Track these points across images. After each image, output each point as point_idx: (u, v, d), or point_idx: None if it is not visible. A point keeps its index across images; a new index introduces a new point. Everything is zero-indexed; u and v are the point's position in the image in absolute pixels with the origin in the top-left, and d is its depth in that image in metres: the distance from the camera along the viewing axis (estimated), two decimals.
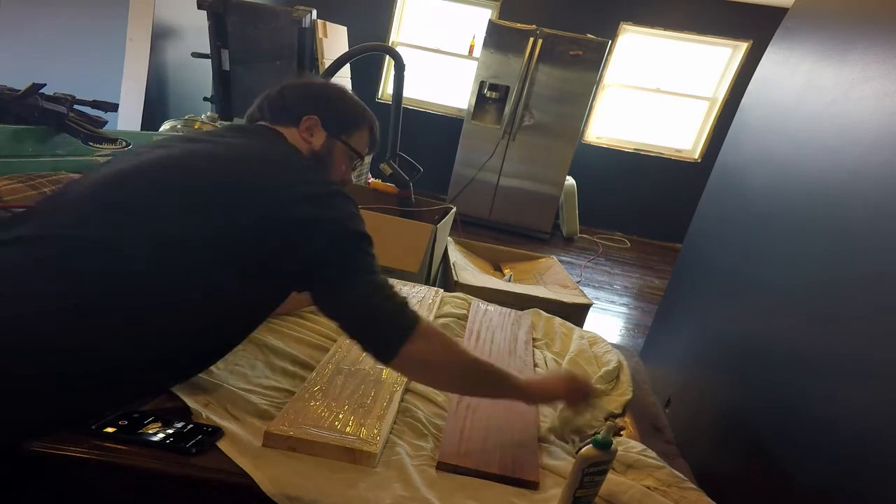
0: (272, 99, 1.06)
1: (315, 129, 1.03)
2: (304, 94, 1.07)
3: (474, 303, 1.50)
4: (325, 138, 1.03)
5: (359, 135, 1.09)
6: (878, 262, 1.10)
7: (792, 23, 1.86)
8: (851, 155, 1.28)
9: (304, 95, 1.06)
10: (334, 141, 1.04)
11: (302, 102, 1.05)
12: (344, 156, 1.07)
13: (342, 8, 4.92)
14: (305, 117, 1.02)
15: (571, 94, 4.37)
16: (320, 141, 1.03)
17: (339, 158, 1.06)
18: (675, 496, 0.87)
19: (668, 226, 5.09)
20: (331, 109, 1.06)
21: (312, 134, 1.03)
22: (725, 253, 1.83)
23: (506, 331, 1.36)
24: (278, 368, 1.03)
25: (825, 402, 1.15)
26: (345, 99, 1.10)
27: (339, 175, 1.08)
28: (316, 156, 1.03)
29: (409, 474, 0.80)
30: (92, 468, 0.74)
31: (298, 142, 1.03)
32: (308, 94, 1.07)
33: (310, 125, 1.02)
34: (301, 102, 1.05)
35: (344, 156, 1.07)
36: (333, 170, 1.06)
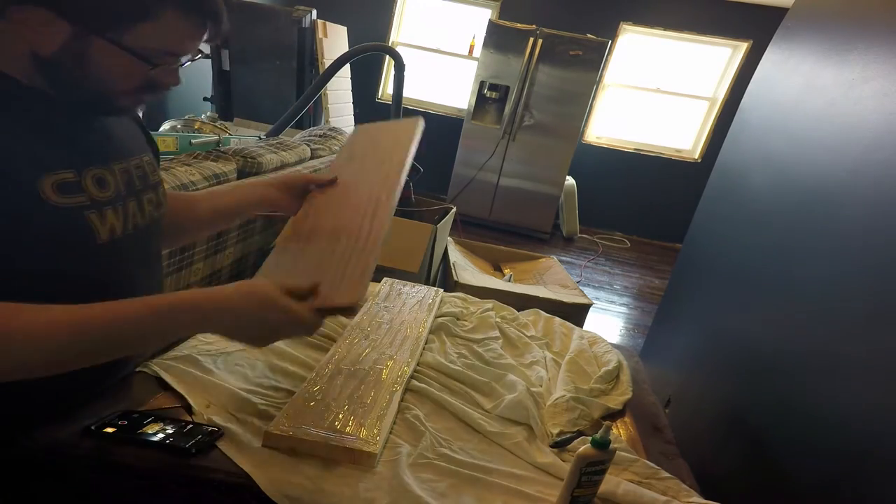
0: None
1: (40, 26, 0.66)
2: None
3: None
4: (71, 38, 0.67)
5: (154, 26, 0.69)
6: (877, 262, 1.10)
7: (792, 23, 1.86)
8: (851, 155, 1.29)
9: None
10: (90, 39, 0.68)
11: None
12: (121, 58, 0.69)
13: (342, 8, 4.92)
14: (15, 8, 0.65)
15: (571, 94, 4.37)
16: (56, 41, 0.67)
17: (111, 63, 0.70)
18: (660, 488, 0.88)
19: (668, 226, 5.09)
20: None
21: (37, 32, 0.66)
22: (725, 253, 1.83)
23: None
24: (278, 368, 1.03)
25: (825, 402, 1.15)
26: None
27: (120, 85, 0.73)
28: (47, 65, 0.68)
29: (408, 474, 0.80)
30: (92, 468, 0.75)
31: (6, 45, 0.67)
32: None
33: (25, 18, 0.65)
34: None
35: (121, 58, 0.69)
36: (98, 80, 0.71)
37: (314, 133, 2.89)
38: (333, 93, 4.30)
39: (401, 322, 1.25)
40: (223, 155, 1.92)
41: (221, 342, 1.08)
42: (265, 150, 2.10)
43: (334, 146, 2.78)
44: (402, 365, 1.06)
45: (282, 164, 2.17)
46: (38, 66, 0.69)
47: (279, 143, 2.32)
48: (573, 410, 1.06)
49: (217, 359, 1.01)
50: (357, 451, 0.80)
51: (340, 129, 3.03)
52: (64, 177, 0.71)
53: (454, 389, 1.06)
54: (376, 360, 1.07)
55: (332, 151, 2.73)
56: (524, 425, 0.99)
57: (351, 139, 1.23)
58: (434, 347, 1.20)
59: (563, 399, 1.07)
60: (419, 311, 1.33)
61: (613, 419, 1.13)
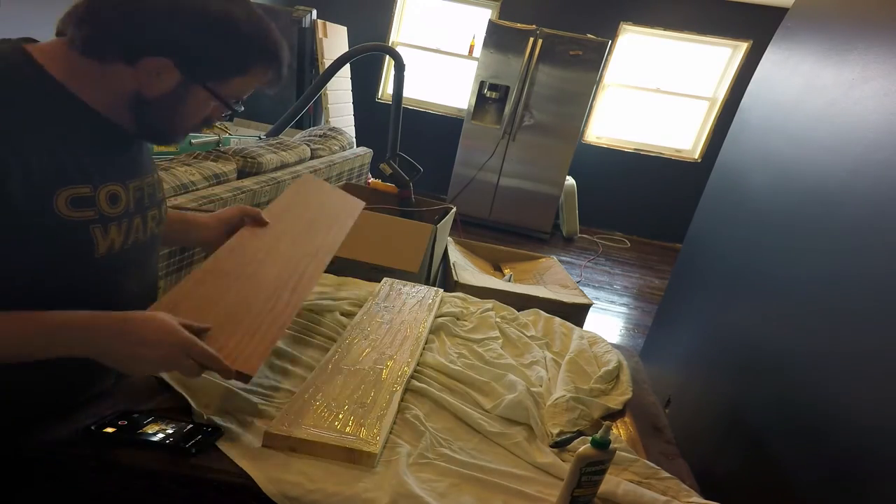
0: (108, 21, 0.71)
1: (162, 74, 0.74)
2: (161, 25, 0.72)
3: None
4: (178, 84, 0.76)
5: (241, 80, 0.81)
6: (877, 262, 1.10)
7: (792, 23, 1.86)
8: (851, 155, 1.29)
9: (163, 28, 0.72)
10: (192, 86, 0.77)
11: (155, 38, 0.72)
12: (206, 101, 0.80)
13: (342, 8, 4.92)
14: (149, 59, 0.72)
15: (571, 94, 4.37)
16: (166, 87, 0.75)
17: (196, 105, 0.80)
18: (660, 488, 0.88)
19: (668, 226, 5.09)
20: (201, 49, 0.75)
21: (155, 78, 0.74)
22: (725, 253, 1.83)
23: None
24: (278, 368, 1.03)
25: (825, 401, 1.15)
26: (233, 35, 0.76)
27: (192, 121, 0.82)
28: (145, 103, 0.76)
29: (408, 474, 0.80)
30: (92, 468, 0.75)
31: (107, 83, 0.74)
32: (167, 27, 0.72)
33: (154, 69, 0.73)
34: (153, 38, 0.72)
35: (206, 101, 0.80)
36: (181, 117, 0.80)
37: (314, 133, 2.89)
38: (333, 93, 4.30)
39: (401, 322, 1.25)
40: (223, 155, 1.92)
41: None
42: (265, 150, 2.10)
43: (334, 146, 2.78)
44: (402, 365, 1.06)
45: (282, 163, 2.17)
46: (134, 106, 0.76)
47: (279, 143, 2.32)
48: (573, 410, 1.06)
49: None
50: (357, 450, 0.80)
51: (340, 129, 3.03)
52: (80, 191, 0.74)
53: (454, 389, 1.06)
54: (376, 360, 1.07)
55: (332, 151, 2.74)
56: (524, 425, 0.99)
57: (296, 187, 1.22)
58: (434, 347, 1.20)
59: (563, 399, 1.07)
60: (419, 311, 1.33)
61: (613, 419, 1.13)
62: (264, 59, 0.81)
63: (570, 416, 1.04)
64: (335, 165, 2.59)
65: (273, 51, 0.81)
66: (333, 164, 2.57)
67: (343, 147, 2.88)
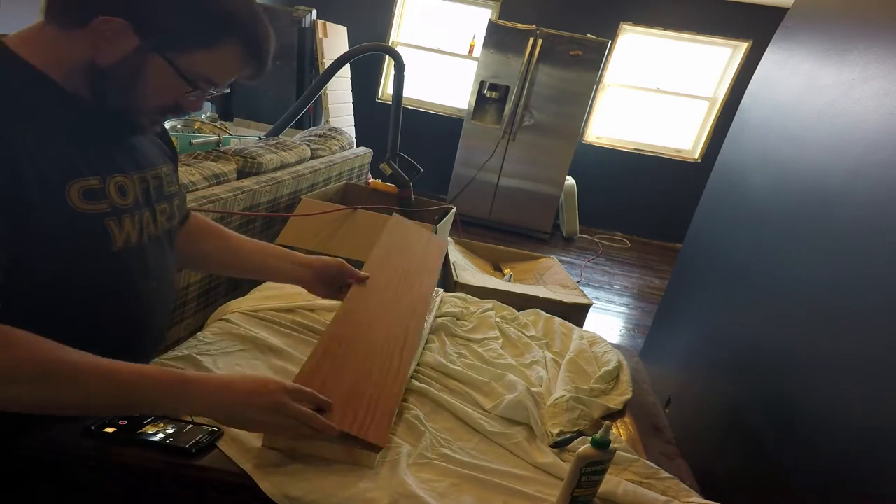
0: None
1: (113, 36, 0.68)
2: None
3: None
4: (134, 51, 0.70)
5: (209, 54, 0.73)
6: (877, 262, 1.10)
7: (792, 23, 1.86)
8: (851, 155, 1.29)
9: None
10: (150, 55, 0.71)
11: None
12: (169, 77, 0.73)
13: (342, 8, 4.92)
14: (100, 17, 0.67)
15: (571, 94, 4.37)
16: (119, 53, 0.70)
17: (158, 80, 0.73)
18: (660, 488, 0.88)
19: (668, 226, 5.09)
20: (159, 9, 0.69)
21: (108, 42, 0.69)
22: (725, 253, 1.83)
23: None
24: (278, 368, 1.03)
25: (825, 401, 1.15)
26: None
27: (156, 101, 0.76)
28: (98, 74, 0.71)
29: (408, 474, 0.80)
30: (92, 468, 0.75)
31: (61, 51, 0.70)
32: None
33: (104, 29, 0.68)
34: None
35: (169, 77, 0.73)
36: (141, 94, 0.73)
37: (314, 133, 2.89)
38: (333, 93, 4.30)
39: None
40: (223, 155, 1.92)
41: (221, 342, 1.08)
42: (265, 150, 2.10)
43: (334, 146, 2.78)
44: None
45: (282, 164, 2.17)
46: (89, 75, 0.71)
47: (279, 143, 2.32)
48: (573, 410, 1.06)
49: (217, 359, 1.01)
50: (357, 451, 0.80)
51: (340, 129, 3.03)
52: (90, 183, 0.73)
53: (454, 389, 1.06)
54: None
55: (332, 151, 2.74)
56: (524, 425, 0.99)
57: (388, 232, 1.29)
58: (434, 347, 1.20)
59: (563, 399, 1.07)
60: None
61: (613, 419, 1.13)
62: (237, 36, 0.73)
63: (570, 416, 1.04)
64: (335, 165, 2.59)
65: (249, 30, 0.74)
66: (333, 164, 2.57)
67: (343, 147, 2.88)
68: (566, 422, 1.02)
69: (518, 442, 0.94)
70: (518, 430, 0.97)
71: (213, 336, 1.10)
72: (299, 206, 2.02)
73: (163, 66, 0.71)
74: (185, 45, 0.72)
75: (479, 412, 1.00)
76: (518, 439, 0.94)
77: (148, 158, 0.86)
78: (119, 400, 0.69)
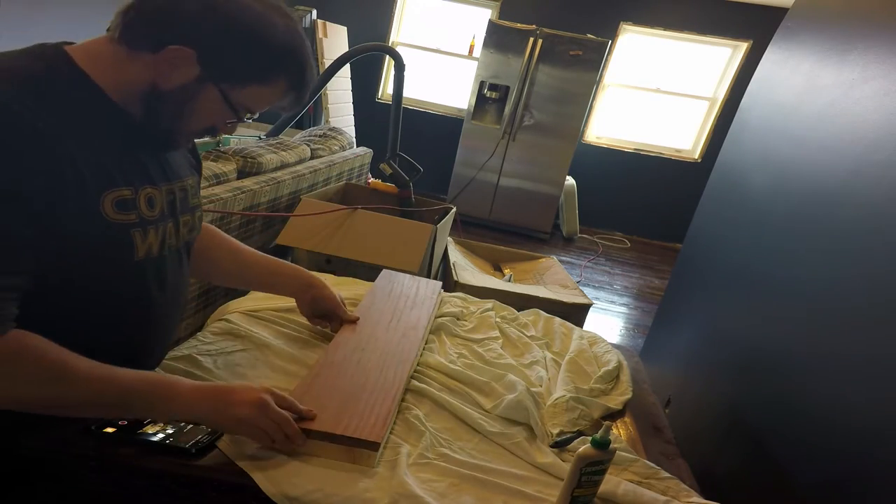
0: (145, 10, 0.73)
1: (180, 64, 0.73)
2: (193, 16, 0.72)
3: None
4: (194, 80, 0.75)
5: (259, 89, 0.79)
6: (877, 262, 1.10)
7: (792, 23, 1.86)
8: (851, 155, 1.29)
9: (194, 20, 0.72)
10: (206, 84, 0.76)
11: (184, 29, 0.72)
12: (217, 105, 0.78)
13: (342, 8, 4.92)
14: (172, 48, 0.72)
15: (571, 94, 4.37)
16: (181, 80, 0.74)
17: (206, 107, 0.78)
18: (660, 488, 0.88)
19: (668, 226, 5.09)
20: (225, 47, 0.74)
21: (173, 69, 0.73)
22: (725, 253, 1.83)
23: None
24: (278, 368, 1.03)
25: (825, 401, 1.15)
26: (261, 39, 0.75)
27: (199, 124, 0.81)
28: (157, 95, 0.75)
29: (408, 474, 0.80)
30: (92, 468, 0.75)
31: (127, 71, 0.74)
32: (199, 19, 0.73)
33: (173, 58, 0.72)
34: (182, 29, 0.72)
35: (217, 105, 0.78)
36: (189, 118, 0.79)
37: (314, 133, 2.89)
38: (333, 93, 4.30)
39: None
40: (223, 155, 1.92)
41: (221, 342, 1.08)
42: (265, 150, 2.10)
43: (334, 146, 2.78)
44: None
45: (282, 164, 2.17)
46: (146, 95, 0.75)
47: (279, 143, 2.32)
48: (573, 410, 1.06)
49: (217, 359, 1.01)
50: (357, 451, 0.80)
51: (340, 129, 3.03)
52: (123, 194, 0.75)
53: (454, 389, 1.06)
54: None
55: (332, 151, 2.74)
56: (524, 425, 0.99)
57: (377, 284, 1.42)
58: (434, 347, 1.20)
59: (563, 399, 1.07)
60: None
61: (613, 419, 1.13)
62: (288, 74, 0.79)
63: (570, 416, 1.04)
64: (335, 165, 2.59)
65: (299, 70, 0.80)
66: (333, 164, 2.57)
67: (343, 147, 2.88)
68: (566, 422, 1.02)
69: (518, 442, 0.94)
70: (518, 430, 0.97)
71: (213, 336, 1.10)
72: (299, 206, 2.02)
73: (215, 95, 0.77)
74: (240, 80, 0.77)
75: (479, 412, 1.00)
76: (518, 439, 0.94)
77: (176, 171, 0.88)
78: (117, 402, 0.73)
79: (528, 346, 1.33)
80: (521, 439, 0.94)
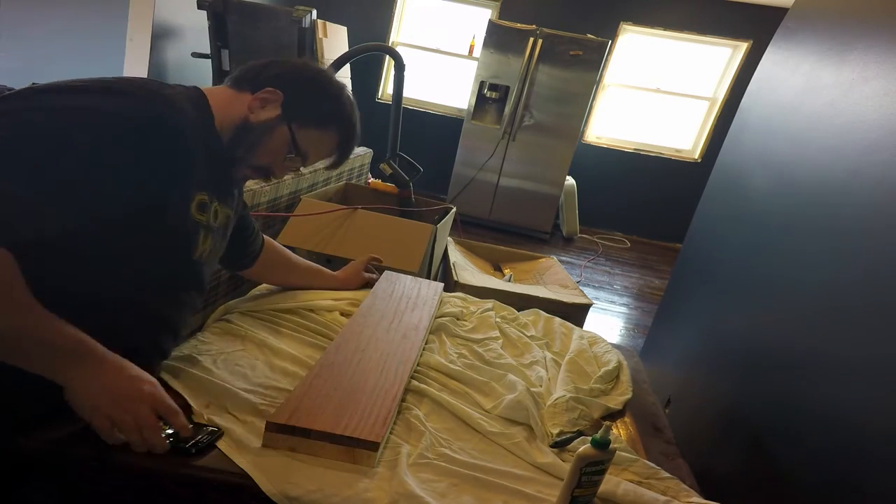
0: (254, 65, 0.97)
1: (269, 104, 0.94)
2: (286, 70, 0.97)
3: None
4: (275, 118, 0.94)
5: (318, 135, 0.98)
6: (877, 262, 1.10)
7: (792, 23, 1.86)
8: (851, 155, 1.29)
9: (286, 71, 0.96)
10: (282, 124, 0.94)
11: (277, 76, 0.95)
12: (282, 144, 0.95)
13: (342, 8, 4.92)
14: (268, 88, 0.93)
15: (571, 94, 4.37)
16: (266, 116, 0.94)
17: (275, 143, 0.95)
18: (660, 488, 0.88)
19: (668, 226, 5.09)
20: (303, 94, 0.96)
21: (263, 106, 0.94)
22: (725, 253, 1.83)
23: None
24: (278, 368, 1.03)
25: (825, 401, 1.15)
26: (329, 94, 0.99)
27: (264, 159, 0.97)
28: (245, 127, 0.93)
29: (408, 474, 0.80)
30: (92, 468, 0.75)
31: (232, 107, 0.93)
32: (289, 72, 0.97)
33: (266, 97, 0.93)
34: (276, 76, 0.95)
35: (282, 144, 0.95)
36: (260, 150, 0.95)
37: None
38: None
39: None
40: None
41: (221, 342, 1.08)
42: None
43: None
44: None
45: None
46: (238, 126, 0.93)
47: None
48: (573, 410, 1.06)
49: (217, 359, 1.01)
50: (357, 451, 0.80)
51: None
52: (204, 199, 0.90)
53: (454, 389, 1.06)
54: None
55: None
56: (524, 425, 0.99)
57: (379, 283, 1.46)
58: (434, 347, 1.20)
59: (563, 399, 1.07)
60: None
61: (613, 419, 1.13)
62: (342, 127, 1.00)
63: (570, 416, 1.04)
64: None
65: (351, 129, 1.02)
66: None
67: None
68: (566, 422, 1.02)
69: (518, 442, 0.94)
70: (518, 430, 0.97)
71: (213, 336, 1.10)
72: (299, 206, 2.02)
73: (285, 133, 0.94)
74: (305, 121, 0.96)
75: (479, 412, 1.00)
76: (518, 439, 0.94)
77: (231, 201, 1.03)
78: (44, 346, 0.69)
79: (528, 346, 1.33)
80: (521, 439, 0.94)
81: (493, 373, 1.11)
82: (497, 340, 1.30)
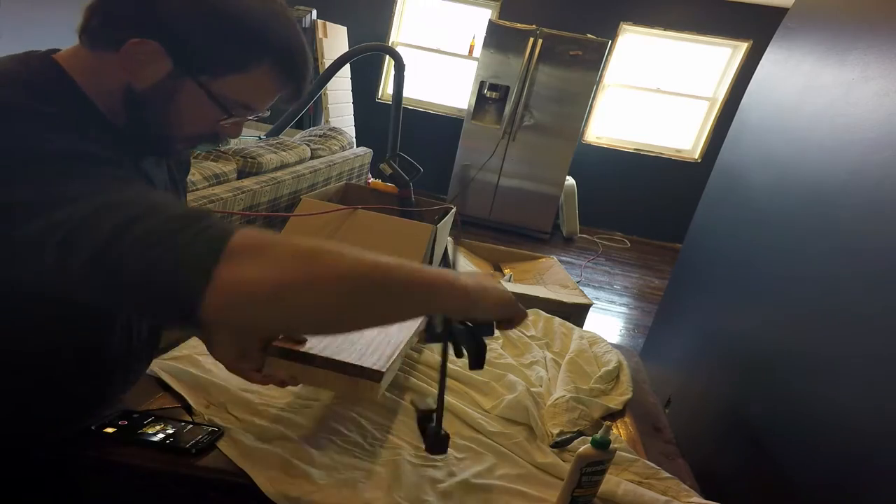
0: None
1: (148, 58, 0.65)
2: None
3: None
4: (168, 75, 0.67)
5: (244, 78, 0.69)
6: (877, 262, 1.10)
7: (792, 23, 1.86)
8: (851, 155, 1.29)
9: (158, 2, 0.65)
10: (183, 79, 0.68)
11: (143, 13, 0.65)
12: (201, 104, 0.70)
13: (342, 8, 4.92)
14: (132, 40, 0.64)
15: (571, 94, 4.37)
16: (154, 77, 0.67)
17: (189, 107, 0.70)
18: (660, 488, 0.88)
19: (668, 226, 5.09)
20: (194, 29, 0.65)
21: (142, 66, 0.66)
22: (725, 253, 1.83)
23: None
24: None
25: (825, 402, 1.15)
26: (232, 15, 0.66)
27: (189, 129, 0.73)
28: (133, 100, 0.68)
29: (409, 475, 0.80)
30: (92, 468, 0.75)
31: (104, 76, 0.67)
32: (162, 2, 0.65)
33: (136, 51, 0.64)
34: (141, 13, 0.65)
35: (201, 104, 0.70)
36: (175, 121, 0.71)
37: (314, 133, 2.89)
38: (333, 93, 4.30)
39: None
40: (223, 155, 1.93)
41: None
42: (265, 150, 2.10)
43: (334, 146, 2.78)
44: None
45: (282, 164, 2.17)
46: (127, 100, 0.69)
47: (279, 143, 2.32)
48: (573, 410, 1.06)
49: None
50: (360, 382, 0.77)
51: (340, 129, 3.03)
52: None
53: (454, 389, 1.06)
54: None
55: (332, 151, 2.74)
56: (524, 425, 0.99)
57: None
58: (434, 347, 1.20)
59: (563, 399, 1.07)
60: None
61: (613, 419, 1.13)
62: (269, 56, 0.69)
63: (570, 416, 1.04)
64: (335, 165, 2.59)
65: (281, 50, 0.70)
66: (333, 164, 2.57)
67: (343, 147, 2.88)
68: (566, 422, 1.02)
69: (518, 442, 0.94)
70: (518, 430, 0.97)
71: None
72: (299, 206, 2.02)
73: (196, 91, 0.69)
74: (217, 69, 0.68)
75: (479, 412, 1.00)
76: (518, 439, 0.94)
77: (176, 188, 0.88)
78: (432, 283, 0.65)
79: (528, 346, 1.33)
80: (521, 439, 0.94)
81: (493, 373, 1.11)
82: (497, 340, 1.30)
